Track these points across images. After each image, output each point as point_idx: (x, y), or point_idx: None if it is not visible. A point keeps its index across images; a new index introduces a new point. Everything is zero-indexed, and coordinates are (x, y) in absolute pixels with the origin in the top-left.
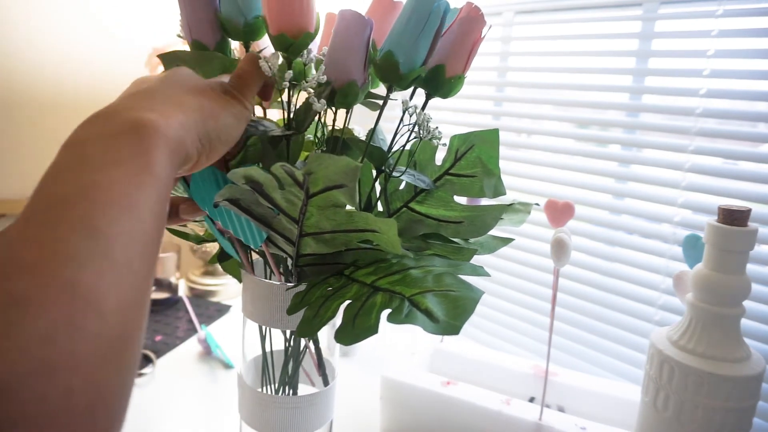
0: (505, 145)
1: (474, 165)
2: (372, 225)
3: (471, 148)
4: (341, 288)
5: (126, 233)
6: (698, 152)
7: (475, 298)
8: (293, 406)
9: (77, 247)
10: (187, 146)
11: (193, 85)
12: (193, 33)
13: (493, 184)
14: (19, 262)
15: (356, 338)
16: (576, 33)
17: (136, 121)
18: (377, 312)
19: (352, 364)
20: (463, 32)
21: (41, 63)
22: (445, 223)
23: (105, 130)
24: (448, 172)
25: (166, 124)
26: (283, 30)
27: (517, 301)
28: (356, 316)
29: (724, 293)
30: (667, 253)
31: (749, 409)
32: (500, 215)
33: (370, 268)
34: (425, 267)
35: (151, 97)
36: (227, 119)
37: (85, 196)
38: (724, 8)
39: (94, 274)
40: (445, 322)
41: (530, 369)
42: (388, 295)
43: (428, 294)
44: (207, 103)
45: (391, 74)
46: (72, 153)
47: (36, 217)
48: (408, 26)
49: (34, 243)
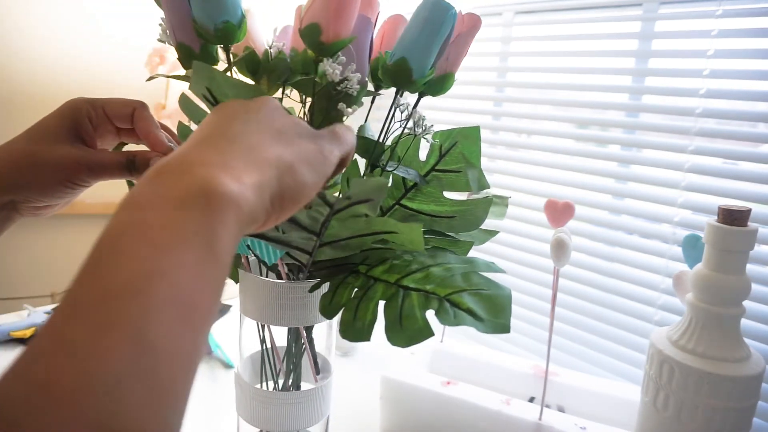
0: (505, 145)
1: (458, 160)
2: (392, 228)
3: (455, 144)
4: (368, 289)
5: (177, 351)
6: (698, 152)
7: (508, 296)
8: (291, 402)
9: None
10: (257, 213)
11: (278, 128)
12: (177, 35)
13: (476, 177)
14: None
15: (411, 340)
16: (576, 33)
17: (207, 187)
18: (421, 313)
19: (352, 364)
20: (465, 42)
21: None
22: (438, 218)
23: (172, 194)
24: (434, 168)
25: (240, 192)
26: (342, 36)
27: (517, 301)
28: (401, 318)
29: (724, 293)
30: (667, 253)
31: (749, 409)
32: (488, 207)
33: (385, 265)
34: (443, 264)
35: (230, 144)
36: (306, 176)
37: (143, 290)
38: (724, 8)
39: (132, 406)
40: (491, 321)
41: (530, 369)
42: (423, 296)
43: (463, 294)
44: (288, 155)
45: (404, 80)
46: (133, 221)
47: (86, 312)
48: (421, 34)
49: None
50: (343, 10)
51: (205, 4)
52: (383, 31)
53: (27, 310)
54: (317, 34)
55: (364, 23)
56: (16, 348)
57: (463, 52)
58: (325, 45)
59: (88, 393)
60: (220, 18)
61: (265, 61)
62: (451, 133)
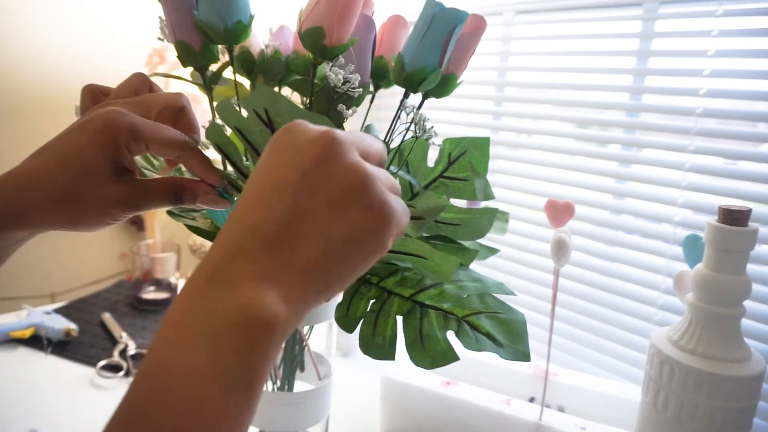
0: (505, 145)
1: (466, 169)
2: (425, 254)
3: (464, 153)
4: (384, 302)
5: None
6: (698, 152)
7: (523, 322)
8: (291, 402)
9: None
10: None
11: (337, 201)
12: (177, 34)
13: (483, 187)
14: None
15: (435, 362)
16: (576, 33)
17: (251, 315)
18: (442, 334)
19: (352, 364)
20: (469, 43)
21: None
22: (444, 225)
23: (211, 319)
24: (442, 175)
25: (287, 316)
26: (345, 40)
27: (517, 301)
28: (422, 337)
29: (724, 293)
30: (668, 253)
31: (749, 409)
32: (493, 217)
33: (396, 277)
34: (456, 282)
35: (276, 248)
36: (358, 266)
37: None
38: (724, 8)
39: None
40: (511, 347)
41: (530, 369)
42: (441, 315)
43: (481, 316)
44: (343, 247)
45: (419, 85)
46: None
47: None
48: (429, 38)
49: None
50: (348, 13)
51: (219, 5)
52: (382, 31)
53: (26, 310)
54: (320, 37)
55: (367, 24)
56: (15, 348)
57: (468, 53)
58: (328, 48)
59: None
60: (233, 18)
61: (261, 60)
62: (461, 141)
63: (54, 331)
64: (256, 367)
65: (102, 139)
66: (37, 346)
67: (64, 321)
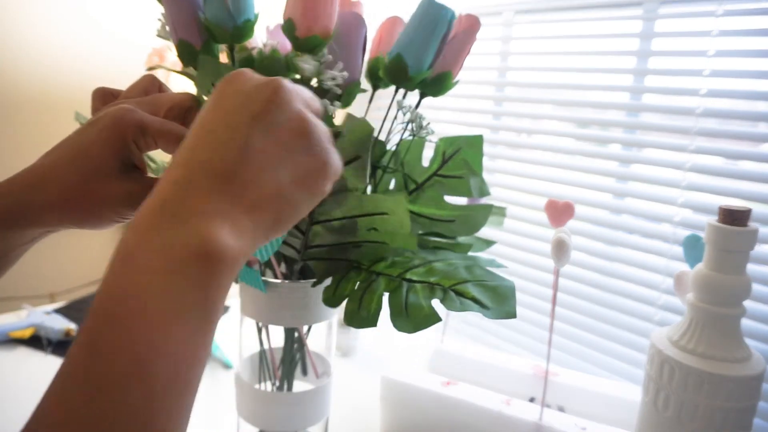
0: (505, 145)
1: (460, 167)
2: (381, 206)
3: (458, 151)
4: (371, 282)
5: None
6: (699, 152)
7: (511, 287)
8: (291, 402)
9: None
10: (250, 254)
11: (285, 140)
12: (179, 33)
13: (478, 185)
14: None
15: (418, 326)
16: (576, 33)
17: (207, 248)
18: (426, 302)
19: (352, 364)
20: (464, 41)
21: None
22: (439, 221)
23: (171, 252)
24: (437, 173)
25: (239, 248)
26: (315, 32)
27: (517, 301)
28: (407, 307)
29: (725, 293)
30: (668, 252)
31: (749, 409)
32: (488, 213)
33: (386, 262)
34: (445, 260)
35: (229, 181)
36: (303, 205)
37: (144, 377)
38: (724, 8)
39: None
40: (496, 308)
41: (530, 369)
42: (428, 287)
43: (468, 284)
44: (291, 185)
45: (401, 77)
46: (131, 287)
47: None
48: (417, 32)
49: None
50: (313, 5)
51: (231, 4)
52: (380, 32)
53: (26, 310)
54: (292, 29)
55: (357, 21)
56: (15, 348)
57: (463, 52)
58: (300, 40)
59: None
60: (242, 18)
61: (259, 59)
62: (455, 140)
63: (54, 331)
64: (211, 298)
65: (110, 136)
66: (37, 346)
67: (63, 321)
